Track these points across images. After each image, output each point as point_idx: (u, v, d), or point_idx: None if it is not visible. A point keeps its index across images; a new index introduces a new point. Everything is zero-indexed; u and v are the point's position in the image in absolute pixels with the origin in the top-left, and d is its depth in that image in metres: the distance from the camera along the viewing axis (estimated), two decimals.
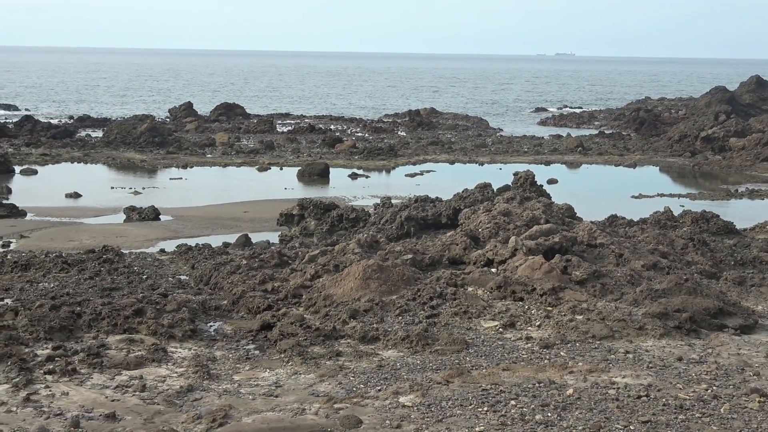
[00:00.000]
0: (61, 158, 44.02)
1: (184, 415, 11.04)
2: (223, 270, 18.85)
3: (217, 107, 70.50)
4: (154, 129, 49.96)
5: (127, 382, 12.29)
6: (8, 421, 10.80)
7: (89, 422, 10.79)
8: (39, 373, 12.54)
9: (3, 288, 17.69)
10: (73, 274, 19.01)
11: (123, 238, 24.20)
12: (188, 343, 14.30)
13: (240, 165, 42.97)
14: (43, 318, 14.66)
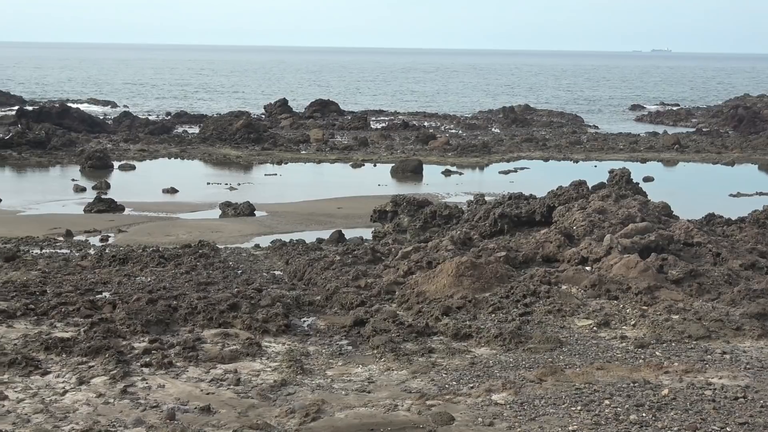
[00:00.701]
0: (158, 154, 44.70)
1: (278, 410, 11.12)
2: (317, 266, 18.96)
3: (311, 104, 70.91)
4: (250, 125, 50.43)
5: (221, 375, 12.43)
6: (106, 413, 10.98)
7: (184, 415, 10.93)
8: (136, 366, 12.73)
9: (101, 281, 18.01)
10: (170, 269, 19.27)
11: (218, 234, 24.48)
12: (282, 337, 14.40)
13: (334, 161, 43.17)
14: (140, 311, 14.89)
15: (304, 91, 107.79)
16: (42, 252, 21.54)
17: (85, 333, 14.03)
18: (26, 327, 14.73)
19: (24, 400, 11.39)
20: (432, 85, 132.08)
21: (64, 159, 41.76)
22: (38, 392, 11.67)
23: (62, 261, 20.16)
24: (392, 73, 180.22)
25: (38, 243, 22.61)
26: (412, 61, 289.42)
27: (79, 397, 11.51)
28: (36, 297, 16.48)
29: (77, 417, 10.83)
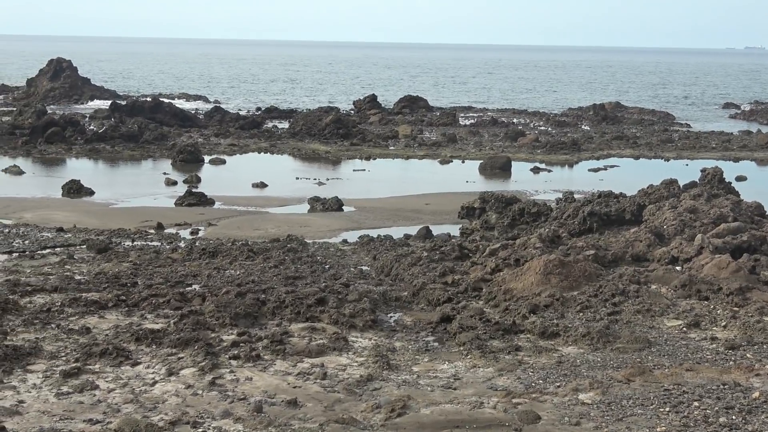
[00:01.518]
0: (248, 148, 45.08)
1: (364, 404, 11.16)
2: (404, 261, 18.98)
3: (400, 100, 70.93)
4: (339, 121, 50.61)
5: (308, 369, 12.50)
6: (194, 404, 11.12)
7: (271, 408, 11.01)
8: (224, 358, 12.87)
9: (192, 274, 18.24)
10: (259, 262, 19.43)
11: (307, 228, 24.62)
12: (369, 333, 14.44)
13: (422, 157, 43.16)
14: (229, 304, 15.05)
15: (392, 87, 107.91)
16: (133, 244, 21.88)
17: (174, 325, 14.23)
18: (117, 318, 14.98)
19: (114, 390, 11.59)
20: (519, 82, 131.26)
21: (156, 153, 42.34)
22: (128, 382, 11.86)
23: (153, 253, 20.45)
24: (477, 69, 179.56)
25: (130, 235, 22.95)
26: (495, 58, 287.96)
27: (169, 388, 11.67)
28: (127, 288, 16.75)
29: (166, 407, 10.98)
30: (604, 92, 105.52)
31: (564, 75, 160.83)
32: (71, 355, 12.91)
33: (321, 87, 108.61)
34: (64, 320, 14.71)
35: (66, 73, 74.96)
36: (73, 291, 16.55)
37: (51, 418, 10.64)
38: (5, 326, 14.23)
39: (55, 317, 14.85)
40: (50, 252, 20.73)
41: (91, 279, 17.69)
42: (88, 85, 76.47)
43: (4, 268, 18.78)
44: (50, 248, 21.15)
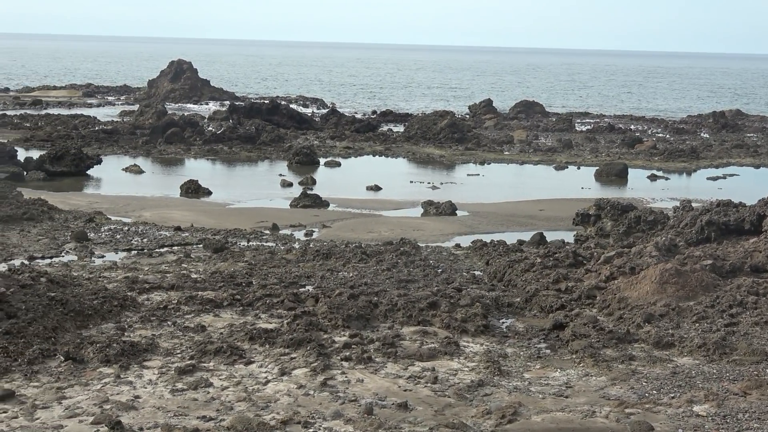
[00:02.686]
0: (363, 151, 45.32)
1: (474, 410, 11.12)
2: (517, 267, 18.87)
3: (516, 105, 70.66)
4: (454, 125, 50.57)
5: (419, 373, 12.51)
6: (306, 404, 11.21)
7: (382, 410, 11.05)
8: (336, 359, 12.95)
9: (305, 275, 18.39)
10: (372, 265, 19.52)
11: (420, 232, 24.63)
12: (480, 338, 14.39)
13: (537, 163, 42.87)
14: (342, 306, 15.13)
15: (507, 92, 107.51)
16: (249, 244, 22.16)
17: (288, 325, 14.36)
18: (232, 317, 15.18)
19: (228, 387, 11.74)
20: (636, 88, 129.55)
21: (273, 154, 42.82)
22: (242, 381, 12.01)
23: (268, 254, 20.69)
24: (591, 75, 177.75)
25: (245, 235, 23.25)
26: (605, 63, 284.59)
27: (281, 387, 11.79)
28: (242, 288, 16.96)
29: (278, 407, 11.09)
30: (724, 99, 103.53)
31: (683, 81, 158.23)
32: (186, 353, 13.12)
33: (435, 91, 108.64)
34: (180, 318, 14.97)
35: (186, 75, 76.36)
36: (189, 289, 16.82)
37: (166, 413, 10.83)
38: (123, 322, 14.54)
39: (172, 315, 15.12)
40: (168, 250, 21.12)
41: (207, 278, 17.96)
42: (208, 86, 77.76)
43: (123, 265, 19.19)
44: (168, 247, 21.54)
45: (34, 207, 24.84)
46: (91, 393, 11.45)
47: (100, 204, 27.41)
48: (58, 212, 25.02)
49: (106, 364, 12.46)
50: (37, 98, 72.05)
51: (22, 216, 23.74)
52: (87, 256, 20.10)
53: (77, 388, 11.62)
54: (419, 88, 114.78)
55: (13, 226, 22.86)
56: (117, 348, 12.84)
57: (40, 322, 13.64)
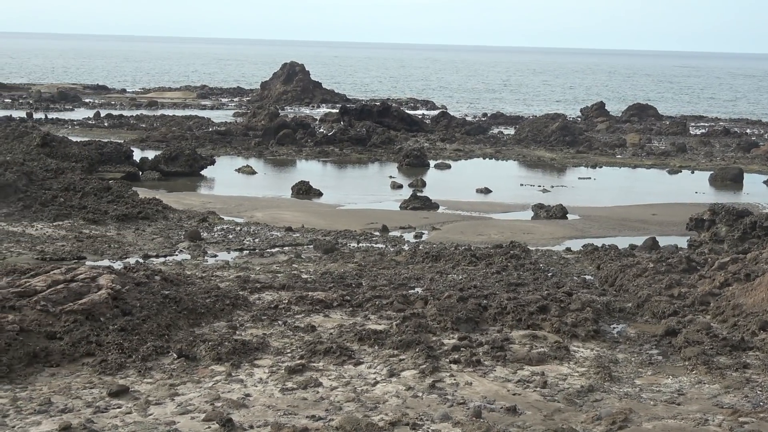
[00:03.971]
0: (473, 154, 45.24)
1: (584, 415, 11.01)
2: (629, 272, 18.61)
3: (629, 108, 69.85)
4: (565, 128, 50.19)
5: (528, 377, 12.42)
6: (414, 406, 11.21)
7: (490, 413, 10.99)
8: (445, 362, 12.93)
9: (414, 277, 18.41)
10: (481, 268, 19.45)
11: (530, 235, 24.49)
12: (591, 343, 14.24)
13: (650, 167, 42.31)
14: (451, 308, 15.10)
15: (619, 95, 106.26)
16: (359, 245, 22.27)
17: (397, 326, 14.38)
18: (342, 317, 15.26)
19: (337, 388, 11.80)
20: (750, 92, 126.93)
21: (383, 156, 43.01)
22: (350, 381, 12.06)
23: (378, 255, 20.76)
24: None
25: (356, 237, 23.37)
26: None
27: (389, 388, 11.81)
28: (352, 289, 17.04)
29: (386, 408, 11.11)
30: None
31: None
32: (296, 352, 13.23)
33: (544, 93, 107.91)
34: (291, 317, 15.10)
35: (298, 77, 77.09)
36: (299, 289, 16.96)
37: (275, 412, 10.93)
38: (235, 321, 14.72)
39: (282, 314, 15.26)
40: (279, 251, 21.33)
41: (317, 278, 18.10)
42: (319, 88, 78.37)
43: (235, 264, 19.44)
44: (279, 247, 21.76)
45: (149, 206, 25.32)
46: (202, 390, 11.61)
47: (213, 204, 27.82)
48: (172, 212, 25.46)
49: (217, 362, 12.64)
50: (153, 99, 73.49)
51: (137, 215, 24.22)
52: (200, 255, 20.42)
53: (189, 385, 11.80)
54: (526, 90, 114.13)
55: (129, 225, 23.34)
56: (229, 346, 13.01)
57: (154, 319, 13.89)
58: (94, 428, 10.27)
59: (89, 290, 14.15)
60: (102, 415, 10.72)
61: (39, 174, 26.85)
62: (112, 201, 25.49)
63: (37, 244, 20.68)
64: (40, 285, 14.08)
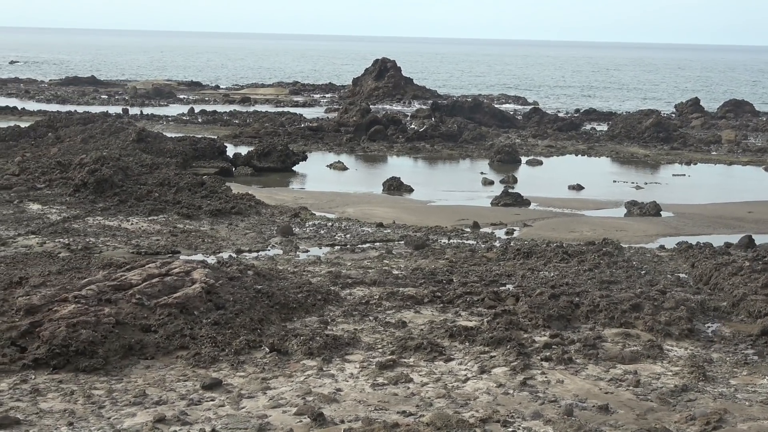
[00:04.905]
0: (565, 150, 44.89)
1: (677, 415, 10.87)
2: (724, 271, 18.31)
3: (724, 104, 68.75)
4: (659, 124, 49.57)
5: (621, 376, 12.31)
6: (505, 403, 11.18)
7: (582, 412, 10.92)
8: (536, 359, 12.87)
9: (506, 274, 18.33)
10: (573, 265, 19.29)
11: (623, 232, 24.22)
12: (684, 342, 14.05)
13: (746, 164, 41.60)
14: (543, 306, 15.03)
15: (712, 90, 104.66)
16: (449, 242, 22.23)
17: (488, 323, 14.34)
18: (432, 314, 15.27)
19: (427, 384, 11.82)
20: None
21: (474, 152, 42.88)
22: (441, 378, 12.06)
23: (468, 251, 20.71)
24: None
25: (446, 233, 23.34)
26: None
27: (480, 385, 11.79)
28: (443, 285, 17.03)
29: (477, 405, 11.09)
30: None
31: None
32: (387, 348, 13.27)
33: (636, 89, 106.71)
34: (382, 313, 15.15)
35: (390, 73, 77.15)
36: (390, 285, 17.00)
37: (366, 407, 10.97)
38: (326, 316, 14.81)
39: (373, 310, 15.31)
40: (370, 246, 21.39)
41: (408, 274, 18.12)
42: (411, 84, 78.37)
43: (327, 260, 19.54)
44: (370, 243, 21.82)
45: (242, 201, 25.58)
46: (294, 384, 11.71)
47: (305, 200, 28.01)
48: (264, 207, 25.68)
49: (309, 356, 12.73)
50: (246, 96, 74.19)
51: (230, 210, 24.48)
52: (292, 250, 20.56)
53: (281, 379, 11.90)
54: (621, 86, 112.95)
55: (222, 220, 23.60)
56: (320, 341, 13.10)
57: (246, 313, 14.04)
58: (187, 420, 10.43)
59: (183, 284, 14.35)
60: (195, 407, 10.87)
61: (134, 169, 27.32)
62: (206, 196, 25.82)
63: (132, 239, 21.02)
64: (135, 279, 14.32)
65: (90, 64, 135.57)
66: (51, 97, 68.80)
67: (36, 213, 23.39)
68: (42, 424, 10.31)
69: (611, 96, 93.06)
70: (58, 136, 36.02)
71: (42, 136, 36.89)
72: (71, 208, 24.04)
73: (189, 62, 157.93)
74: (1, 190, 25.92)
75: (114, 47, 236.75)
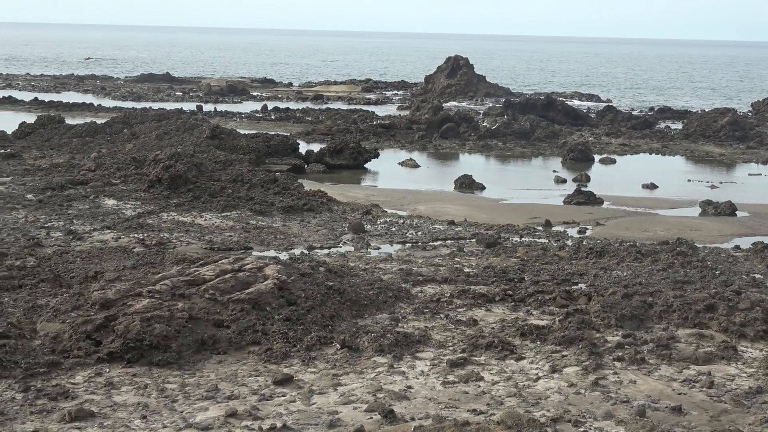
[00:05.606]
0: (639, 149, 44.46)
1: (752, 417, 10.73)
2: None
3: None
4: (735, 123, 48.90)
5: (694, 377, 12.17)
6: (576, 403, 11.12)
7: (654, 413, 10.82)
8: (608, 359, 12.77)
9: (578, 273, 18.20)
10: (646, 265, 19.10)
11: (697, 232, 23.95)
12: (760, 343, 13.85)
13: None
14: (615, 305, 14.91)
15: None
16: (521, 240, 22.14)
17: (560, 322, 14.27)
18: (504, 312, 15.23)
19: (498, 382, 11.79)
20: None
21: (547, 150, 42.64)
22: (512, 376, 12.03)
23: (540, 250, 20.60)
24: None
25: (518, 231, 23.24)
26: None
27: (551, 384, 11.73)
28: (514, 284, 16.97)
29: (548, 404, 11.04)
30: None
31: None
32: (458, 346, 13.26)
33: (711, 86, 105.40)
34: (453, 311, 15.13)
35: (462, 71, 77.03)
36: (461, 283, 16.97)
37: (437, 405, 10.97)
38: (397, 313, 14.83)
39: (444, 308, 15.30)
40: (441, 244, 21.37)
41: (479, 272, 18.07)
42: (483, 82, 78.16)
43: (398, 257, 19.56)
44: (441, 240, 21.80)
45: (314, 198, 25.71)
46: (365, 381, 11.75)
47: (376, 197, 28.05)
48: (336, 204, 25.78)
49: (380, 353, 12.76)
50: (319, 93, 74.52)
51: (302, 207, 24.61)
52: (363, 247, 20.62)
53: (352, 376, 11.95)
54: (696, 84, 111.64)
55: (294, 217, 23.73)
56: (391, 338, 13.13)
57: (318, 310, 14.11)
58: (258, 415, 10.51)
59: (256, 280, 14.46)
60: (267, 402, 10.96)
61: (208, 166, 27.57)
62: (279, 193, 25.98)
63: (205, 234, 21.22)
64: (208, 274, 14.46)
65: (164, 61, 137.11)
66: (126, 94, 69.71)
67: (111, 208, 23.72)
68: (116, 417, 10.46)
69: (684, 94, 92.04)
70: (134, 133, 36.52)
71: (118, 132, 37.44)
72: (146, 204, 24.34)
73: (261, 59, 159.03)
74: (78, 186, 26.32)
75: (187, 44, 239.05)
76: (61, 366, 11.93)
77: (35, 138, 37.30)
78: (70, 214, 22.90)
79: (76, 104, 57.41)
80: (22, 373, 11.57)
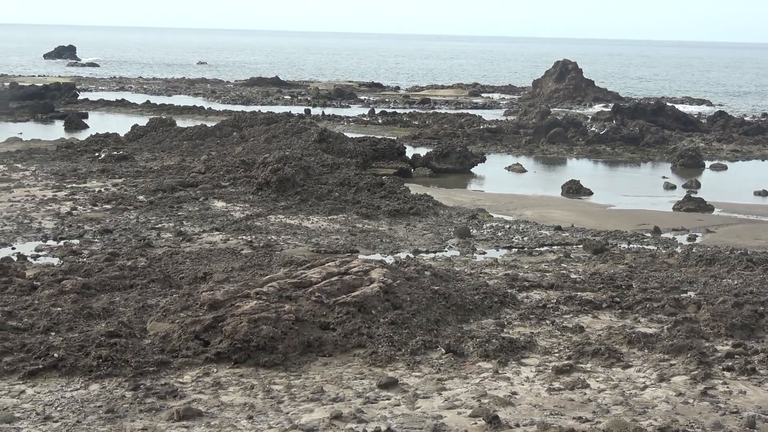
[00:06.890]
0: (751, 155, 43.66)
1: None
2: None
3: None
4: None
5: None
6: (684, 413, 10.95)
7: (765, 424, 10.61)
8: (717, 369, 12.55)
9: (687, 280, 17.91)
10: (758, 273, 18.70)
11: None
12: None
13: None
14: (726, 314, 14.64)
15: None
16: (629, 246, 21.88)
17: (668, 330, 14.07)
18: (611, 319, 15.07)
19: (605, 390, 11.67)
20: None
21: (656, 156, 42.10)
22: (619, 384, 11.90)
23: (649, 257, 20.33)
24: None
25: (626, 237, 22.97)
26: None
27: (659, 393, 11.58)
28: (622, 290, 16.78)
29: (656, 413, 10.90)
30: None
31: None
32: (564, 352, 13.16)
33: None
34: (559, 317, 15.02)
35: (571, 75, 76.45)
36: (568, 289, 16.83)
37: (542, 411, 10.91)
38: (503, 319, 14.77)
39: (550, 314, 15.19)
40: (547, 249, 21.24)
41: (586, 279, 17.90)
42: (592, 87, 77.43)
43: (503, 262, 19.49)
44: (548, 246, 21.66)
45: (420, 202, 25.74)
46: (469, 386, 11.73)
47: (482, 201, 27.98)
48: (442, 208, 25.78)
49: (485, 358, 12.73)
50: (426, 97, 74.60)
51: (408, 211, 24.66)
52: (469, 251, 20.58)
53: (457, 381, 11.94)
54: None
55: (400, 220, 23.80)
56: (496, 344, 13.08)
57: (423, 314, 14.12)
58: (363, 418, 10.56)
59: (362, 283, 14.52)
60: (371, 405, 11.01)
61: (315, 169, 27.81)
62: (385, 196, 26.08)
63: (312, 237, 21.40)
64: (315, 277, 14.56)
65: (273, 65, 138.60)
66: (236, 98, 70.62)
67: (220, 210, 24.07)
68: (223, 417, 10.61)
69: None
70: (243, 136, 36.98)
71: (227, 135, 37.94)
72: (254, 206, 24.64)
73: (368, 63, 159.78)
74: (188, 188, 26.76)
75: (296, 49, 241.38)
76: (170, 365, 12.15)
77: (147, 140, 38.00)
78: (180, 215, 23.31)
79: (187, 107, 58.41)
80: (132, 371, 11.81)
